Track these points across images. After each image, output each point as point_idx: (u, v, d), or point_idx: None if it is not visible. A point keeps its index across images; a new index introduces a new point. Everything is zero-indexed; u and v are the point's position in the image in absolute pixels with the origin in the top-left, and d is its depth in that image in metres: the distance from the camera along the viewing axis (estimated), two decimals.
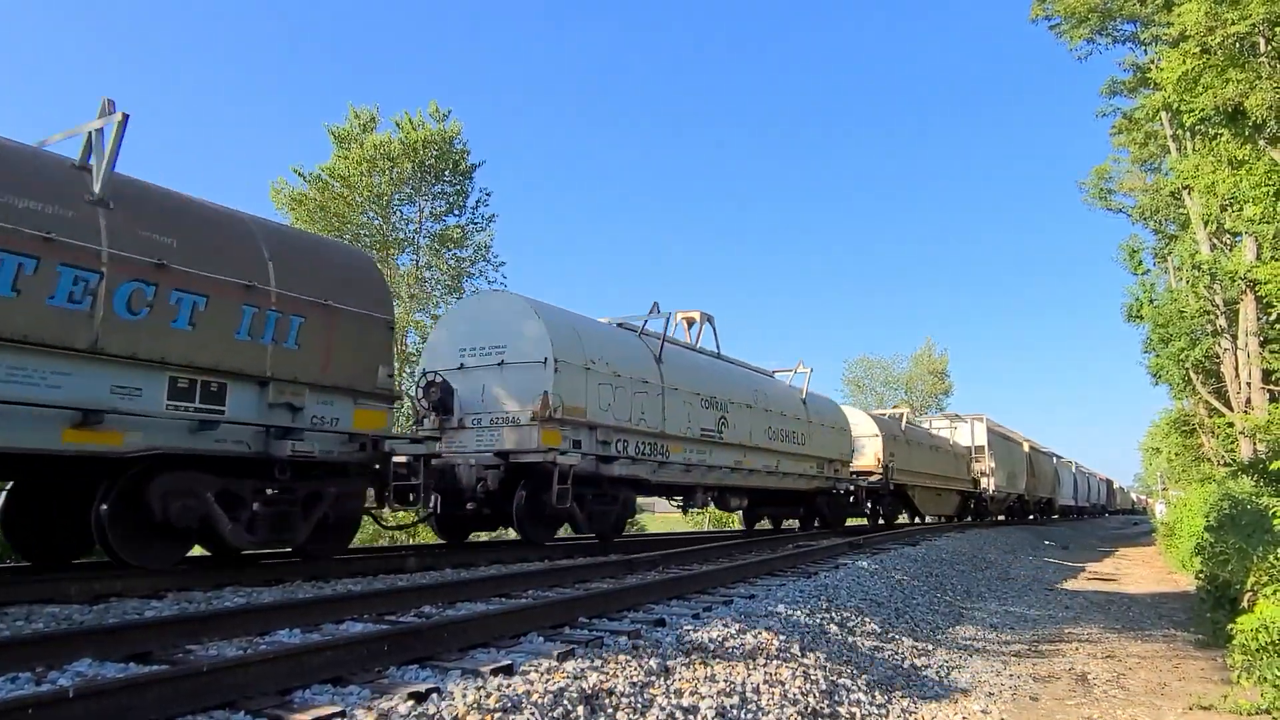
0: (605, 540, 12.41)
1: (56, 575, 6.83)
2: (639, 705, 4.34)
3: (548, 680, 4.22)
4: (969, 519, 31.42)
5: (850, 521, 22.28)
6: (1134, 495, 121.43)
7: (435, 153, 27.52)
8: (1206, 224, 24.66)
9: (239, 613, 5.26)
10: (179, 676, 3.47)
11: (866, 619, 8.05)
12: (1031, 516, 42.90)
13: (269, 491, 8.07)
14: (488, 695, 3.86)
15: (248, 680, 3.66)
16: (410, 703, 3.66)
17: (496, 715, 3.71)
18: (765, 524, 22.12)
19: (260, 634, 5.08)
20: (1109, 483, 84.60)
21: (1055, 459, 50.21)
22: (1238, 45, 15.47)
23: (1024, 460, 39.30)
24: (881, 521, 24.78)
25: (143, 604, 6.27)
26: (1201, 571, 11.74)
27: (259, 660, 3.82)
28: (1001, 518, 36.52)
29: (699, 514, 28.90)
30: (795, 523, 21.28)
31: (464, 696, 3.81)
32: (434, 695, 3.80)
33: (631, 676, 4.61)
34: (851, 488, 21.29)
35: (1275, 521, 7.80)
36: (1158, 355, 26.93)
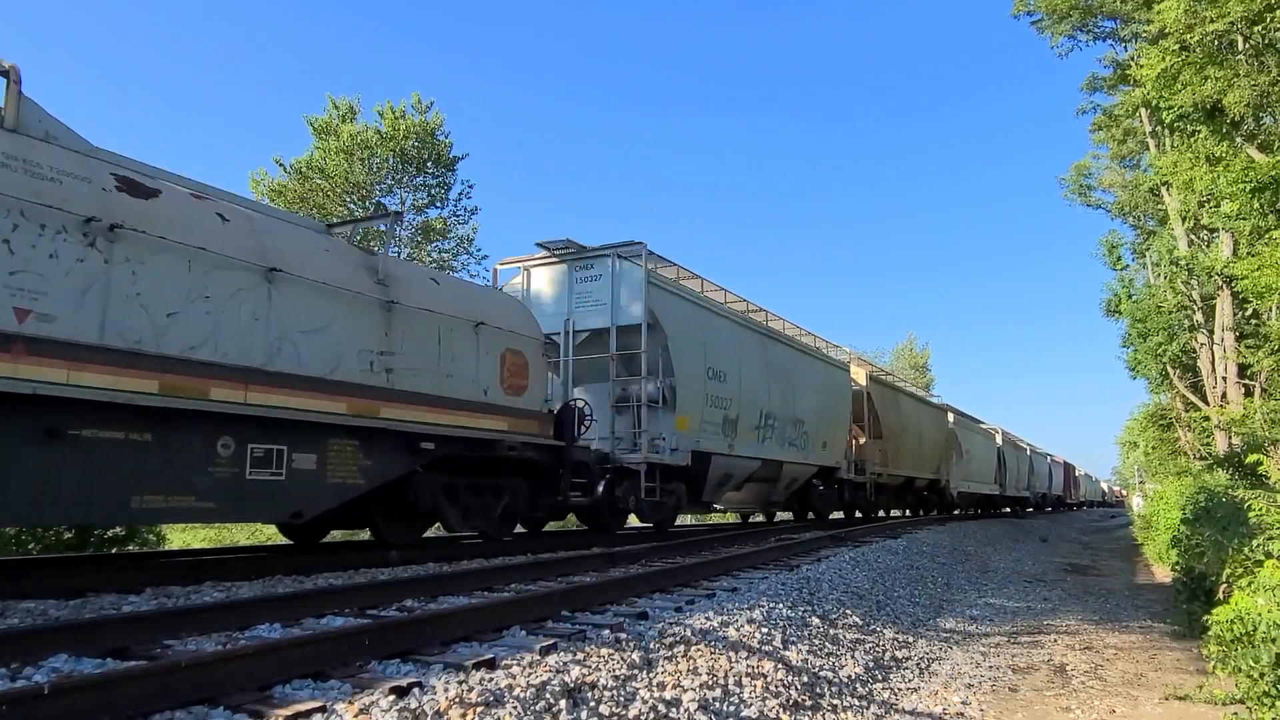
0: None
1: (32, 569, 6.75)
2: (621, 698, 4.34)
3: (530, 674, 4.20)
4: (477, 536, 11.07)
5: None
6: (1105, 485, 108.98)
7: (416, 143, 27.35)
8: (1184, 220, 24.93)
9: (218, 607, 5.21)
10: (157, 672, 3.43)
11: (848, 611, 8.09)
12: (907, 512, 28.56)
13: None
14: (470, 689, 3.85)
15: (227, 675, 3.63)
16: (392, 697, 3.64)
17: (479, 709, 3.70)
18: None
19: (240, 629, 5.04)
20: (1068, 467, 66.25)
21: (954, 417, 31.45)
22: (1216, 43, 15.61)
23: (845, 400, 21.13)
24: None
25: (120, 599, 6.20)
26: (1178, 563, 11.87)
27: (239, 655, 3.79)
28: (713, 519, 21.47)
29: None
30: None
31: (446, 691, 3.80)
32: (416, 689, 3.78)
33: (614, 670, 4.60)
34: None
35: (1250, 514, 7.89)
36: (1136, 350, 27.23)
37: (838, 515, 22.13)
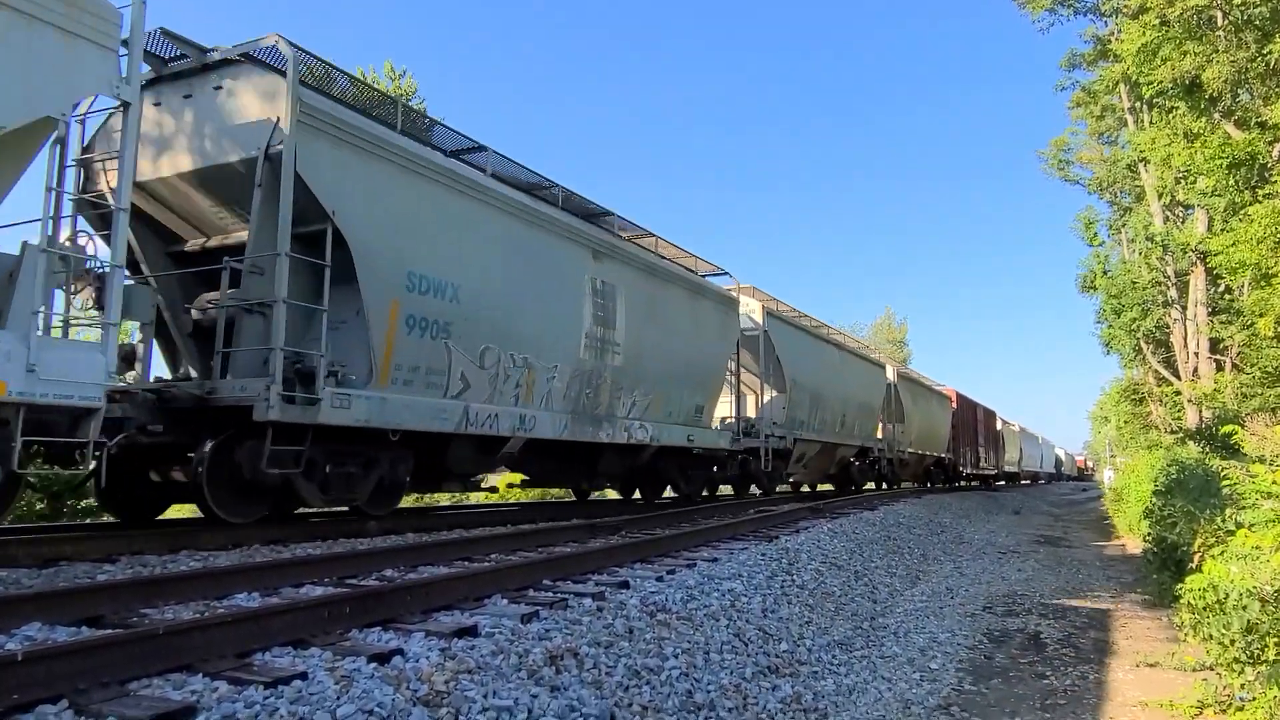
0: None
1: (2, 539, 6.64)
2: (603, 665, 4.34)
3: (512, 641, 4.19)
4: None
5: None
6: (1061, 452, 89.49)
7: None
8: (1160, 196, 25.11)
9: (195, 576, 5.16)
10: (133, 639, 3.38)
11: (827, 580, 8.15)
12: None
13: None
14: (451, 656, 3.83)
15: (206, 643, 3.59)
16: (373, 664, 3.61)
17: (461, 676, 3.68)
18: None
19: (217, 597, 4.99)
20: (978, 412, 39.67)
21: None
22: (1196, 18, 15.66)
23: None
24: None
25: (95, 568, 6.13)
26: (1149, 534, 12.06)
27: (217, 623, 3.74)
28: None
29: None
30: None
31: (428, 657, 3.78)
32: (397, 657, 3.76)
33: (596, 637, 4.61)
34: None
35: (1224, 485, 8.02)
36: (1110, 325, 27.47)
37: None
